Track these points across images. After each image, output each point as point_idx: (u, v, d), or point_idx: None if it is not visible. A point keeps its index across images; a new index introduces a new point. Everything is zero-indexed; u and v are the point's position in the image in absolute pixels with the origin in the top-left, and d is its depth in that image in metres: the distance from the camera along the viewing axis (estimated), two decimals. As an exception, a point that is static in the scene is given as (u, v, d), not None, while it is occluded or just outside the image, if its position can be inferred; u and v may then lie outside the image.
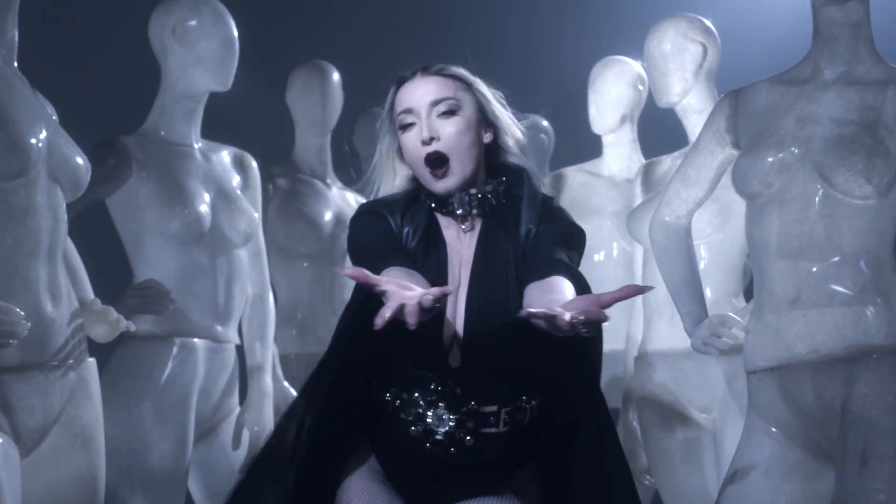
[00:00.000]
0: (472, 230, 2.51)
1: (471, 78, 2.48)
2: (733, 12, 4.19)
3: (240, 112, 4.53)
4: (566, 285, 2.35)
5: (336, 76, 4.63)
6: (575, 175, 4.69)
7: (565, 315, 2.04)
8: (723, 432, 3.67)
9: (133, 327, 3.35)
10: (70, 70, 3.62)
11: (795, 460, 3.08)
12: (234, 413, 3.98)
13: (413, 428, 2.44)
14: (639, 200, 4.12)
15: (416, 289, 2.11)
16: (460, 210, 2.48)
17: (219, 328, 3.81)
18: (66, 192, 3.03)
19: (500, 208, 2.50)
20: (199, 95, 3.84)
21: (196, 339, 3.75)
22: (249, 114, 4.73)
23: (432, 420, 2.45)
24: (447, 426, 2.43)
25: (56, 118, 3.09)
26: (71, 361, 3.02)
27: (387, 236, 2.53)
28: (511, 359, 2.45)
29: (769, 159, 3.03)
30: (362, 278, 2.03)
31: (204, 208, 3.76)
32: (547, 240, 2.52)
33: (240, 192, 3.94)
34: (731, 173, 3.17)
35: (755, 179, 3.04)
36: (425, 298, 2.01)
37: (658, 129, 4.44)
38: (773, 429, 3.10)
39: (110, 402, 3.38)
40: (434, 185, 2.43)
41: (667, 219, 3.40)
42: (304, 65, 4.64)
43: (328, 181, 4.65)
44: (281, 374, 4.14)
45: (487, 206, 2.46)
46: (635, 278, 4.18)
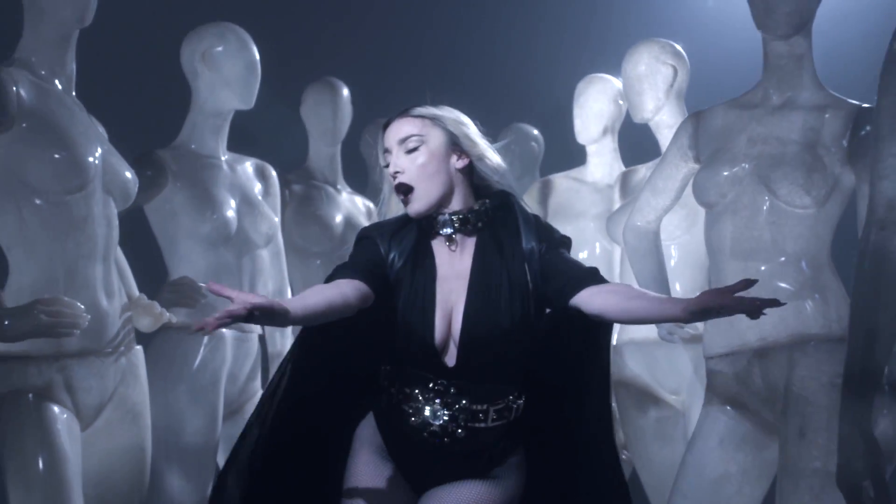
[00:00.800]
0: (463, 247, 2.68)
1: (438, 114, 2.66)
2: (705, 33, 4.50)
3: (260, 125, 4.65)
4: (629, 287, 2.65)
5: (345, 91, 4.81)
6: (561, 181, 4.85)
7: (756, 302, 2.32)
8: (690, 411, 3.90)
9: (174, 319, 3.61)
10: (112, 92, 3.86)
11: (746, 433, 3.36)
12: (257, 395, 4.12)
13: (413, 419, 2.63)
14: (617, 205, 4.34)
15: (253, 300, 2.22)
16: (445, 231, 2.66)
17: None
18: (117, 202, 3.34)
19: (492, 225, 2.68)
20: (225, 113, 4.07)
21: (224, 330, 3.87)
22: (268, 126, 4.86)
23: (429, 414, 2.64)
24: (441, 420, 2.63)
25: (106, 137, 3.38)
26: (122, 348, 3.34)
27: (363, 256, 2.71)
28: (501, 362, 2.65)
29: (724, 173, 3.32)
30: (216, 291, 2.25)
31: (231, 213, 3.98)
32: (560, 255, 2.70)
33: (262, 199, 4.16)
34: (692, 185, 3.44)
35: (712, 191, 3.34)
36: (217, 318, 2.18)
37: (637, 140, 4.63)
38: (727, 406, 3.39)
39: (150, 385, 3.61)
40: (407, 208, 2.65)
41: (638, 224, 3.68)
42: (317, 81, 4.82)
43: (339, 187, 4.83)
44: None
45: (470, 225, 2.63)
46: (614, 274, 4.38)
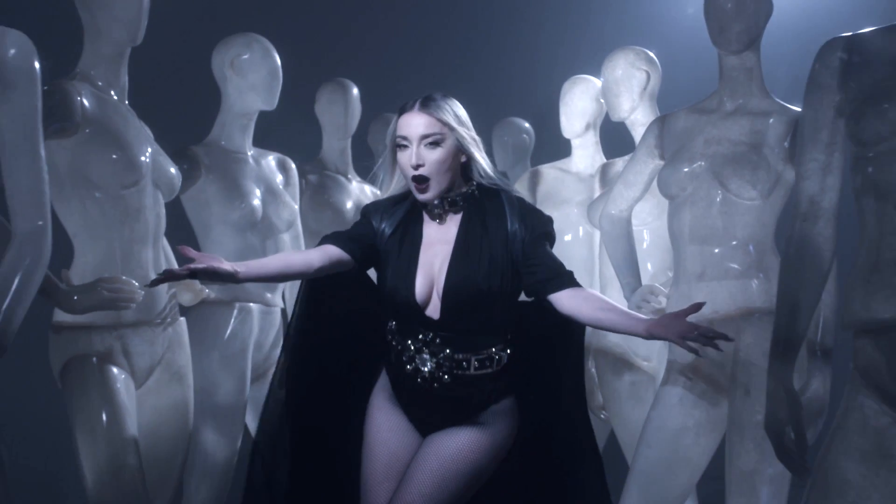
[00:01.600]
0: (449, 221, 2.85)
1: (452, 123, 2.78)
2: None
3: (280, 121, 4.68)
4: (602, 298, 2.76)
5: (355, 90, 4.97)
6: (549, 171, 4.99)
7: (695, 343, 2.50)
8: (658, 375, 4.05)
9: (212, 294, 3.89)
10: (153, 97, 3.99)
11: (701, 392, 3.60)
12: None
13: (408, 367, 2.82)
14: (598, 193, 4.56)
15: (197, 265, 2.47)
16: (435, 209, 2.84)
17: (268, 295, 4.25)
18: (164, 194, 3.60)
19: (478, 205, 2.84)
20: (251, 114, 4.25)
21: (251, 304, 4.19)
22: (287, 122, 4.89)
23: (419, 362, 2.82)
24: (429, 366, 2.80)
25: (153, 138, 3.62)
26: (169, 319, 3.60)
27: (356, 230, 2.89)
28: (480, 317, 2.80)
29: (684, 170, 3.60)
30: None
31: (256, 202, 4.18)
32: (543, 248, 2.86)
33: (283, 189, 4.36)
34: (657, 179, 3.72)
35: (673, 185, 3.63)
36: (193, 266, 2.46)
37: (618, 135, 4.76)
38: (686, 370, 3.61)
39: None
40: (418, 195, 2.81)
41: (612, 212, 3.97)
42: (329, 82, 4.98)
43: (349, 176, 5.00)
44: None
45: (458, 205, 2.82)
46: (594, 255, 4.63)
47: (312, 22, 6.22)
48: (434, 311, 2.81)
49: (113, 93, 3.52)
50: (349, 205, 4.90)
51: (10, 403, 4.31)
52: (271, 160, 4.43)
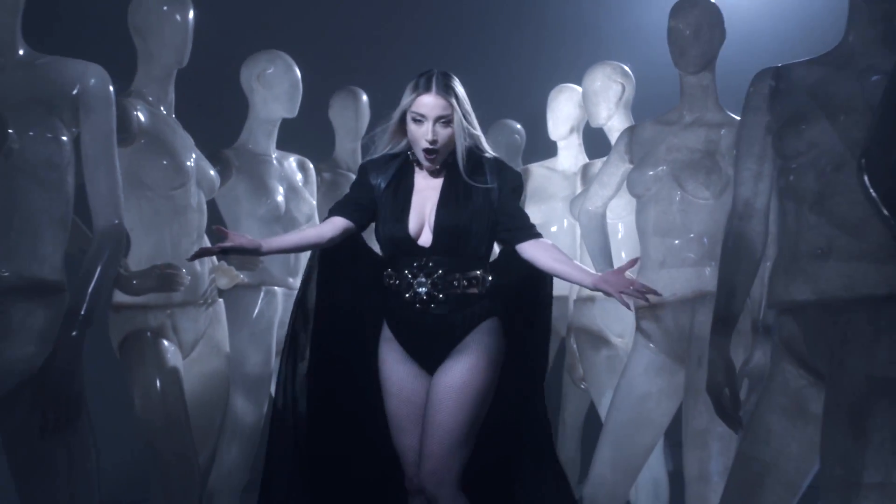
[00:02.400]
0: (437, 173, 3.09)
1: (459, 104, 3.02)
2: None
3: (299, 126, 4.89)
4: (558, 251, 3.03)
5: (364, 97, 5.26)
6: (537, 169, 5.34)
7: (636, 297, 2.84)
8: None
9: (246, 279, 4.25)
10: (191, 107, 4.23)
11: (663, 363, 3.98)
12: None
13: (406, 295, 3.05)
14: (580, 190, 4.88)
15: (225, 243, 2.79)
16: (426, 163, 3.06)
17: (290, 279, 4.54)
18: (205, 193, 3.98)
19: (463, 161, 3.06)
20: (275, 121, 4.59)
21: (276, 287, 4.51)
22: (305, 127, 5.03)
23: (416, 286, 3.04)
24: (426, 287, 3.04)
25: (194, 145, 4.00)
26: (209, 300, 3.98)
27: (356, 191, 3.13)
28: (465, 241, 3.05)
29: (649, 173, 3.99)
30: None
31: (280, 198, 4.52)
32: (514, 203, 3.10)
33: (303, 186, 4.69)
34: (626, 181, 4.12)
35: (640, 186, 4.03)
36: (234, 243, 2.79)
37: (601, 137, 5.02)
38: (650, 343, 4.02)
39: (225, 328, 4.10)
40: (426, 163, 3.07)
41: (589, 208, 4.37)
42: (341, 90, 5.29)
43: None
44: None
45: (445, 162, 3.07)
46: (576, 243, 4.93)
47: (325, 39, 6.53)
48: (426, 241, 3.07)
49: (162, 108, 3.90)
50: None
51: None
52: (292, 161, 4.76)
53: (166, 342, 3.82)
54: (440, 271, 3.05)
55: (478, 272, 3.09)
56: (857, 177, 2.71)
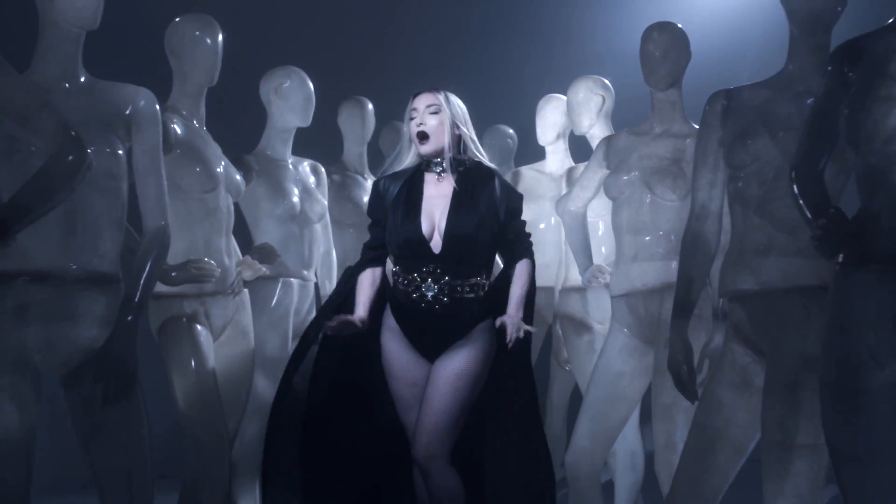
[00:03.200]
0: (447, 180, 3.27)
1: (447, 102, 3.30)
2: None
3: (311, 132, 5.10)
4: (521, 277, 3.28)
5: (370, 106, 5.52)
6: (527, 172, 5.61)
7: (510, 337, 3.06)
8: None
9: (268, 272, 4.49)
10: (216, 117, 4.45)
11: (635, 346, 4.31)
12: None
13: (414, 295, 3.23)
14: (565, 191, 5.15)
15: (353, 325, 3.10)
16: (435, 167, 3.29)
17: (305, 272, 4.82)
18: (232, 196, 4.27)
19: (472, 173, 3.30)
20: (291, 129, 4.86)
21: (292, 279, 4.77)
22: (316, 133, 5.23)
23: (424, 289, 3.21)
24: (433, 291, 3.21)
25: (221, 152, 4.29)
26: (236, 290, 4.25)
27: (373, 211, 3.32)
28: (471, 251, 3.22)
29: (623, 178, 4.34)
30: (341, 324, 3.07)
31: (296, 199, 4.77)
32: (514, 219, 3.30)
33: (315, 188, 4.95)
34: (603, 185, 4.46)
35: (615, 189, 4.37)
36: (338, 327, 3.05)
37: (584, 143, 5.23)
38: (624, 329, 4.35)
39: (245, 315, 4.34)
40: (420, 148, 3.29)
41: (571, 209, 4.72)
42: (349, 99, 5.54)
43: (365, 176, 5.49)
44: None
45: (451, 168, 3.27)
46: (562, 239, 5.16)
47: (332, 55, 6.84)
48: (436, 247, 3.24)
49: (195, 121, 4.19)
50: (365, 199, 5.06)
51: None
52: (306, 165, 5.04)
53: (199, 327, 4.08)
54: (446, 278, 3.23)
55: (478, 279, 3.28)
56: (787, 185, 3.12)
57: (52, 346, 3.32)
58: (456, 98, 3.41)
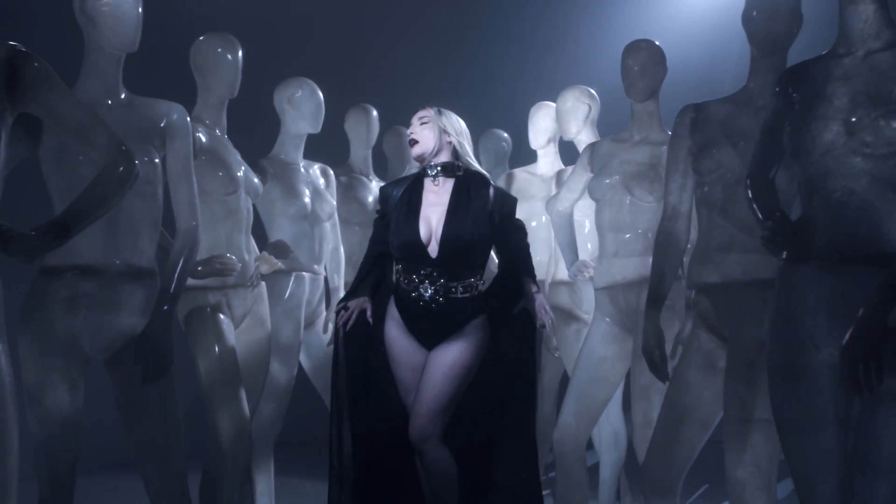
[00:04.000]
0: (445, 187, 3.44)
1: (437, 115, 3.47)
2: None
3: (320, 138, 5.31)
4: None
5: (374, 112, 5.78)
6: (520, 174, 5.81)
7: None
8: None
9: (283, 266, 4.78)
10: (234, 126, 4.64)
11: (616, 334, 4.62)
12: (323, 314, 5.22)
13: (413, 294, 3.44)
14: (555, 192, 5.40)
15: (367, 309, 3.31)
16: (432, 171, 3.48)
17: (315, 266, 5.08)
18: (251, 198, 4.55)
19: (467, 180, 3.47)
20: (302, 135, 5.13)
21: (304, 272, 5.03)
22: (325, 138, 5.42)
23: (422, 290, 3.41)
24: (430, 292, 3.41)
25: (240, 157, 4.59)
26: (255, 283, 4.53)
27: (381, 219, 3.49)
28: (466, 256, 3.40)
29: (605, 181, 4.64)
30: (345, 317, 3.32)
31: (307, 200, 5.03)
32: (509, 222, 3.48)
33: (325, 189, 5.22)
34: (588, 188, 4.76)
35: (597, 192, 4.67)
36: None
37: (572, 148, 5.48)
38: (606, 318, 4.67)
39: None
40: (410, 152, 3.51)
41: (559, 209, 5.02)
42: (355, 106, 5.82)
43: (370, 177, 5.75)
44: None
45: (449, 172, 3.46)
46: (551, 236, 5.39)
47: (340, 65, 7.14)
48: (433, 252, 3.42)
49: (217, 130, 4.46)
50: (370, 199, 5.70)
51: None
52: (316, 168, 5.30)
53: (222, 316, 4.32)
54: (442, 280, 3.42)
55: (472, 280, 3.48)
56: (743, 191, 3.43)
57: (98, 332, 3.63)
58: (453, 114, 3.60)
